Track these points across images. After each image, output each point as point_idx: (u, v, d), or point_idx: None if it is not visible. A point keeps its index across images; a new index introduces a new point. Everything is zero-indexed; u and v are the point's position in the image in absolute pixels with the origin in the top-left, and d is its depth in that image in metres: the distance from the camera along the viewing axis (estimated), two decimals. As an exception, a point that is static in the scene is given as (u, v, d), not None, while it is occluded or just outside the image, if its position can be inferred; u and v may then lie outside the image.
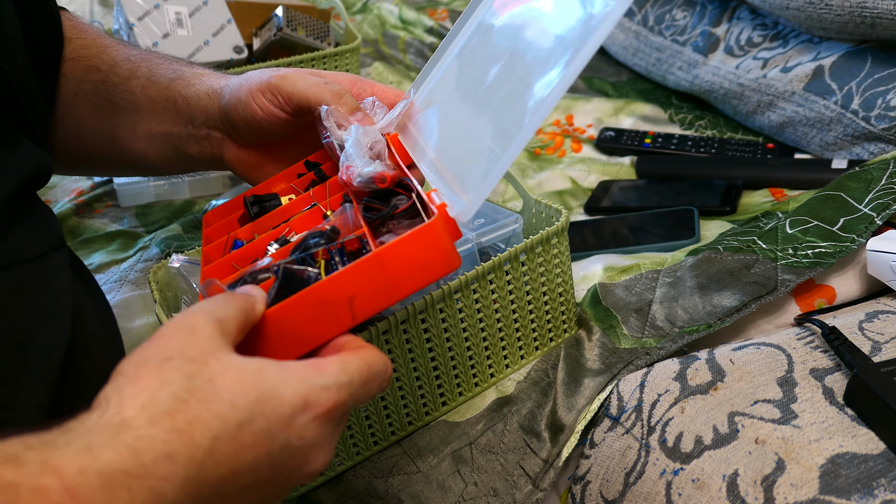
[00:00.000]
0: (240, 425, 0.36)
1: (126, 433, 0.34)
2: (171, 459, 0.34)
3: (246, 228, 0.58)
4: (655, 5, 1.21)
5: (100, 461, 0.33)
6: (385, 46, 1.40)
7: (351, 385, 0.41)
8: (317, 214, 0.56)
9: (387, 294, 0.44)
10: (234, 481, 0.36)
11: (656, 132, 1.04)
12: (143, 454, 0.33)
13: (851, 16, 0.84)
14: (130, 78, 0.68)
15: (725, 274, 0.65)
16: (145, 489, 0.33)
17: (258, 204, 0.59)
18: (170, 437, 0.34)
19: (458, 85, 0.60)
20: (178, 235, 0.89)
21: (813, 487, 0.45)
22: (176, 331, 0.39)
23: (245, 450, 0.36)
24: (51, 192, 1.05)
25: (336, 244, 0.46)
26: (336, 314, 0.43)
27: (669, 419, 0.54)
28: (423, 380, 0.60)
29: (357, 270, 0.43)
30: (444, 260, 0.45)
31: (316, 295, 0.42)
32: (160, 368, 0.36)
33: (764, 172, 0.90)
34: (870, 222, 0.64)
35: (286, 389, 0.38)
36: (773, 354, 0.56)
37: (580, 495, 0.57)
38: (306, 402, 0.38)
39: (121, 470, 0.33)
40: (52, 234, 0.54)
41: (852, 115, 0.87)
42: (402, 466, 0.60)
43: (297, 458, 0.39)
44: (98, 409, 0.35)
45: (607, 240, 0.83)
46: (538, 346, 0.65)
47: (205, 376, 0.37)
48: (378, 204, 0.52)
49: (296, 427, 0.38)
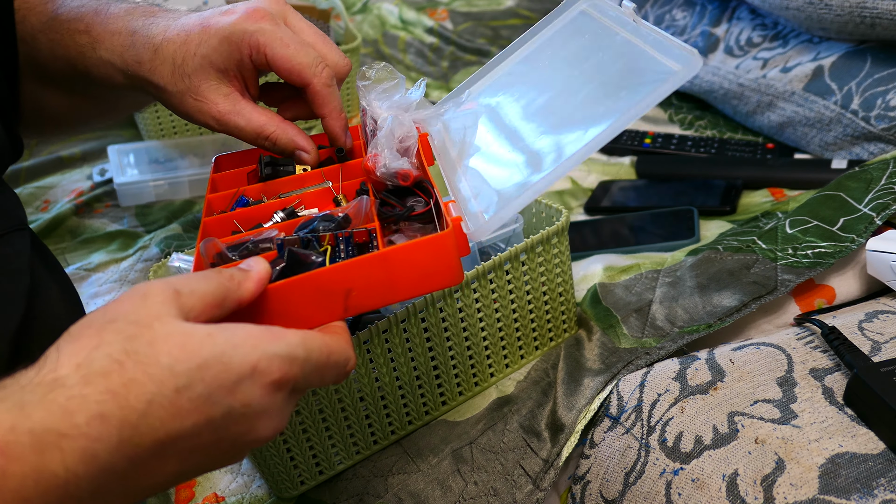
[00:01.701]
0: (177, 390, 0.35)
1: (59, 392, 0.34)
2: (104, 420, 0.34)
3: (255, 187, 0.56)
4: (655, 5, 1.21)
5: (31, 419, 0.33)
6: (385, 46, 1.40)
7: (306, 363, 0.40)
8: (328, 195, 0.55)
9: (384, 294, 0.44)
10: (172, 445, 0.36)
11: (656, 132, 1.04)
12: (75, 414, 0.33)
13: (851, 16, 0.84)
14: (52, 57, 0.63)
15: (725, 274, 0.65)
16: (77, 449, 0.33)
17: (272, 166, 0.58)
18: (103, 398, 0.34)
19: (504, 103, 0.60)
20: (178, 235, 0.89)
21: (813, 487, 0.45)
22: (128, 296, 0.38)
23: (183, 415, 0.36)
24: (50, 192, 1.05)
25: (345, 232, 0.46)
26: (331, 303, 0.43)
27: (669, 419, 0.54)
28: (423, 379, 0.60)
29: (361, 265, 0.43)
30: (447, 273, 0.45)
31: (316, 281, 0.43)
32: (101, 330, 0.36)
33: (764, 172, 0.91)
34: (869, 222, 0.64)
35: (235, 354, 0.37)
36: (772, 354, 0.56)
37: (580, 495, 0.57)
38: (254, 368, 0.38)
39: (52, 429, 0.33)
40: (14, 217, 0.54)
41: (852, 116, 0.87)
42: (401, 466, 0.60)
43: (242, 425, 0.38)
44: (35, 368, 0.35)
45: (607, 240, 0.83)
46: (538, 346, 0.65)
47: (145, 339, 0.36)
48: (394, 200, 0.51)
49: (240, 393, 0.37)
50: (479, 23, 1.46)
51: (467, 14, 1.49)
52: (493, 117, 0.59)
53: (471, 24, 1.46)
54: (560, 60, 0.61)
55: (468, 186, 0.51)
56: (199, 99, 0.57)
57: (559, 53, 0.61)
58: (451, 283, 0.45)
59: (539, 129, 0.54)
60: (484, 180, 0.51)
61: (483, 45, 1.37)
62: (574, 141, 0.49)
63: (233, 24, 0.55)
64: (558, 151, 0.50)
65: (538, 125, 0.55)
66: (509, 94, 0.61)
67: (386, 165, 0.52)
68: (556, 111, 0.56)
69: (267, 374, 0.38)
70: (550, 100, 0.57)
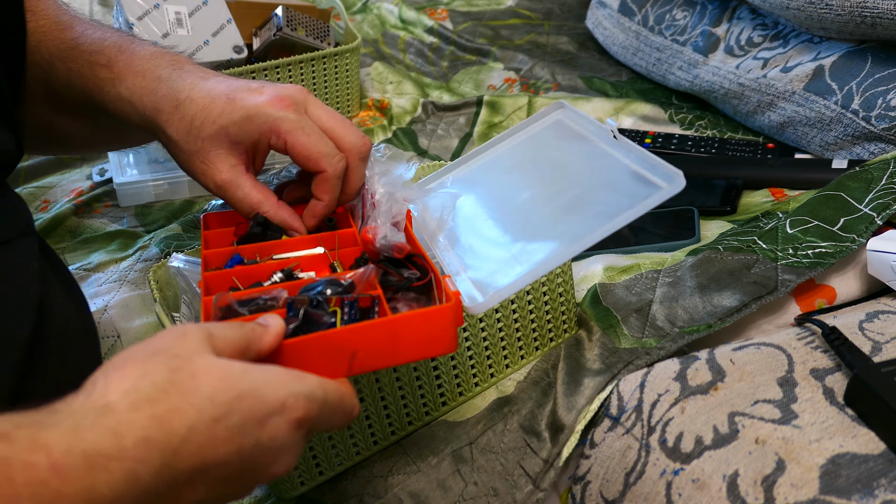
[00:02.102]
0: (216, 419, 0.38)
1: (109, 417, 0.36)
2: (148, 444, 0.36)
3: (250, 248, 0.59)
4: (655, 5, 1.21)
5: (85, 441, 0.34)
6: (385, 46, 1.40)
7: (323, 404, 0.43)
8: (323, 259, 0.58)
9: (385, 357, 0.48)
10: (204, 472, 0.38)
11: (656, 132, 1.04)
12: (123, 437, 0.35)
13: (852, 16, 0.84)
14: (68, 86, 0.65)
15: (726, 274, 0.65)
16: (123, 470, 0.35)
17: (263, 227, 0.60)
18: (149, 423, 0.36)
19: (490, 189, 0.66)
20: (178, 235, 0.89)
21: (813, 487, 0.45)
22: (167, 334, 0.41)
23: (218, 443, 0.38)
24: (50, 192, 1.05)
25: (350, 297, 0.49)
26: (337, 362, 0.46)
27: (669, 419, 0.54)
28: (423, 380, 0.60)
29: (369, 329, 0.47)
30: (445, 341, 0.49)
31: (328, 340, 0.46)
32: (146, 361, 0.39)
33: (764, 172, 0.90)
34: (870, 222, 0.64)
35: (267, 390, 0.40)
36: (773, 354, 0.56)
37: (580, 495, 0.57)
38: (283, 405, 0.41)
39: (103, 452, 0.35)
40: (22, 222, 0.54)
41: (852, 115, 0.87)
42: (401, 466, 0.59)
43: (265, 457, 0.41)
44: (84, 393, 0.37)
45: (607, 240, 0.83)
46: (538, 347, 0.65)
47: (187, 371, 0.39)
48: (391, 269, 0.56)
49: (269, 427, 0.40)
50: (479, 23, 1.46)
51: (467, 14, 1.49)
52: (474, 203, 0.65)
53: (471, 23, 1.46)
54: (545, 161, 0.67)
55: (459, 265, 0.58)
56: (205, 163, 0.59)
57: (542, 154, 0.68)
58: (446, 351, 0.49)
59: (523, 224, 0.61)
60: (481, 261, 0.58)
61: (483, 45, 1.37)
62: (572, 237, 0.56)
63: (258, 106, 0.58)
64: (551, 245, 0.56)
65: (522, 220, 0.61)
66: (492, 185, 0.67)
67: (386, 238, 0.56)
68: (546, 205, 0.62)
69: (293, 410, 0.41)
70: (534, 197, 0.65)
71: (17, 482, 0.32)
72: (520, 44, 1.40)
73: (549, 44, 1.39)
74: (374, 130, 1.17)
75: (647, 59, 1.19)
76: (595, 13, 1.33)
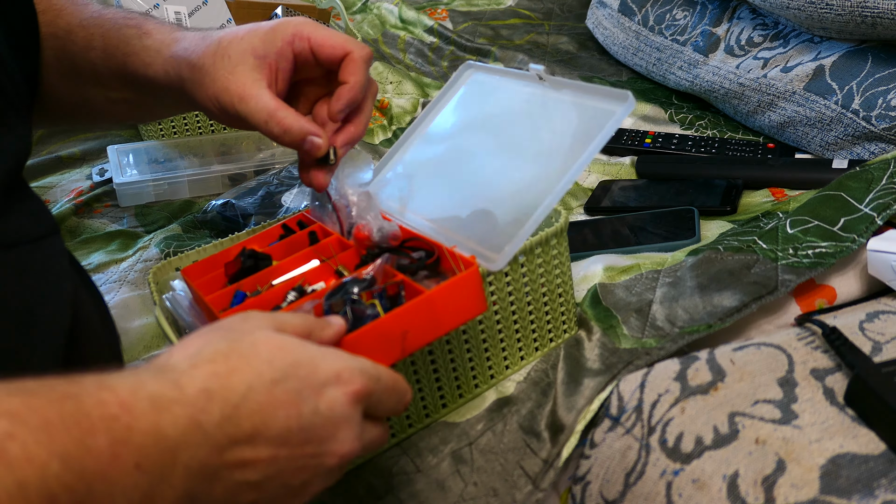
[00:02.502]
0: (274, 381, 0.40)
1: (170, 372, 0.38)
2: (209, 395, 0.37)
3: (248, 281, 0.59)
4: (655, 5, 1.21)
5: (147, 387, 0.36)
6: (385, 46, 1.40)
7: (378, 381, 0.44)
8: (326, 270, 0.60)
9: (432, 330, 0.51)
10: (265, 434, 0.39)
11: (656, 132, 1.04)
12: (185, 388, 0.37)
13: (852, 15, 0.84)
14: (88, 48, 0.66)
15: (726, 274, 0.65)
16: (186, 416, 0.36)
17: (253, 258, 0.61)
18: (209, 377, 0.38)
19: (448, 162, 0.67)
20: (178, 235, 0.89)
21: (813, 488, 0.45)
22: (230, 317, 0.44)
23: (277, 405, 0.39)
24: (50, 192, 1.05)
25: (378, 288, 0.52)
26: (391, 347, 0.49)
27: (670, 419, 0.54)
28: (423, 382, 0.60)
29: (412, 308, 0.50)
30: (479, 303, 0.53)
31: (380, 329, 0.49)
32: (207, 333, 0.42)
33: (764, 172, 0.90)
34: (870, 222, 0.64)
35: (323, 360, 0.42)
36: (773, 354, 0.56)
37: (580, 495, 0.57)
38: (338, 376, 0.42)
39: (167, 396, 0.36)
40: (49, 220, 0.54)
41: (853, 115, 0.87)
42: (402, 466, 0.59)
43: (325, 429, 0.41)
44: (145, 362, 0.40)
45: (607, 240, 0.83)
46: (538, 347, 0.65)
47: (247, 341, 0.41)
48: (402, 254, 0.58)
49: (326, 395, 0.41)
50: (479, 22, 1.46)
51: (467, 14, 1.49)
52: (439, 179, 0.66)
53: (471, 23, 1.46)
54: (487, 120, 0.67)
55: (458, 236, 0.58)
56: (230, 76, 0.60)
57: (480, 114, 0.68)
58: (481, 310, 0.53)
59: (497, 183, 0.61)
60: (479, 228, 0.59)
61: (483, 45, 1.37)
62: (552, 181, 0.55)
63: (278, 21, 0.62)
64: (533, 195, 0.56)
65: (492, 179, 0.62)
66: (448, 158, 0.67)
67: (381, 229, 0.59)
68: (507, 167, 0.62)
69: (349, 383, 0.42)
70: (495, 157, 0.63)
71: (92, 416, 0.34)
72: (520, 44, 1.40)
73: (549, 44, 1.39)
74: (374, 130, 1.17)
75: (647, 58, 1.19)
76: (595, 13, 1.33)
